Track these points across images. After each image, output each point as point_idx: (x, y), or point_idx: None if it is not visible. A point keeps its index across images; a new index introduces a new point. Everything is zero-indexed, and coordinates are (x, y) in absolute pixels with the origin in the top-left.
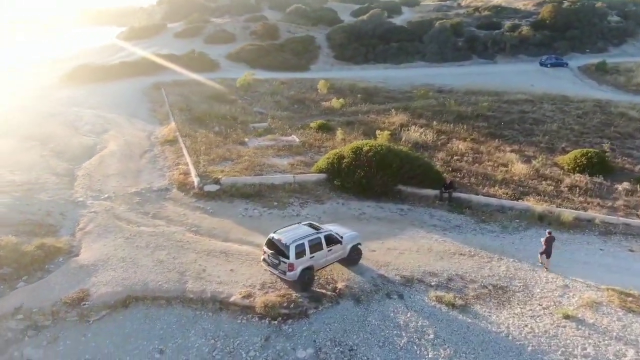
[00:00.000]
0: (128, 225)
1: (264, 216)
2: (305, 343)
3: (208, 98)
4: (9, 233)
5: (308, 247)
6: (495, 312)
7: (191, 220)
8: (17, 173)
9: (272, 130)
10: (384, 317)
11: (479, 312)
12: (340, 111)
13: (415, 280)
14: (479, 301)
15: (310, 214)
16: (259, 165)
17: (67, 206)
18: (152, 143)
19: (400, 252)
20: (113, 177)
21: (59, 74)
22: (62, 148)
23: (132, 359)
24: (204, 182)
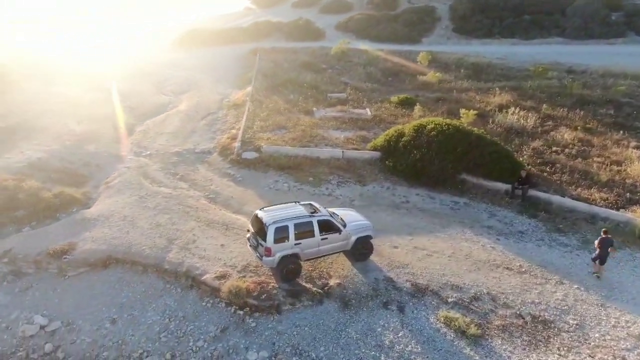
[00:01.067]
0: (150, 184)
1: (291, 191)
2: (262, 344)
3: (299, 66)
4: (39, 178)
5: (293, 231)
6: (520, 353)
7: (214, 187)
8: (83, 124)
9: (347, 101)
10: (367, 331)
11: (495, 349)
12: (435, 87)
13: (430, 291)
14: (503, 334)
15: (344, 195)
16: (313, 136)
17: (107, 159)
18: (221, 106)
19: (428, 253)
20: (165, 136)
21: (172, 39)
22: (137, 104)
23: (83, 323)
24: (245, 149)
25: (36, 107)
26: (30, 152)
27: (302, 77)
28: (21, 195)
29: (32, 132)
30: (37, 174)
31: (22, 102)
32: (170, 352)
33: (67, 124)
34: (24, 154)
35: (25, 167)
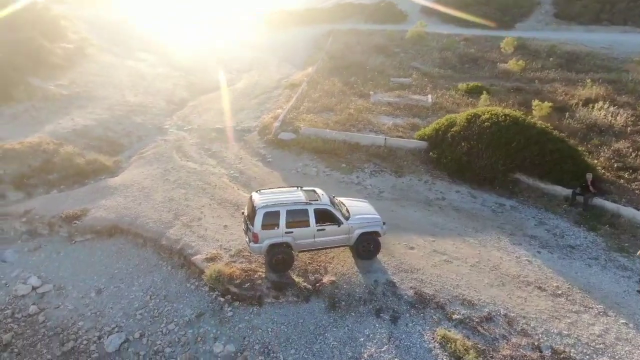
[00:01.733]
0: (180, 158)
1: (319, 177)
2: (232, 336)
3: (371, 48)
4: (79, 144)
5: (285, 218)
6: None
7: (241, 166)
8: (139, 96)
9: (409, 86)
10: (348, 339)
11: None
12: (516, 76)
13: (434, 303)
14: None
15: (374, 185)
16: (359, 120)
17: (150, 131)
18: (278, 86)
19: (447, 259)
20: (213, 111)
21: (256, 22)
22: (198, 80)
23: (72, 289)
24: (283, 129)
25: (103, 78)
26: (79, 120)
27: (370, 60)
28: (56, 159)
29: (90, 101)
30: (78, 141)
31: (90, 73)
32: (140, 331)
33: (124, 95)
34: (74, 120)
35: (70, 133)
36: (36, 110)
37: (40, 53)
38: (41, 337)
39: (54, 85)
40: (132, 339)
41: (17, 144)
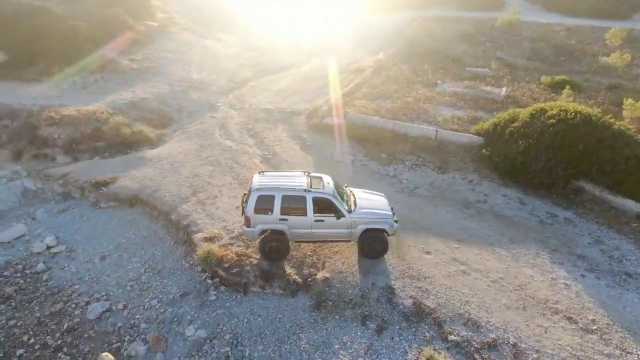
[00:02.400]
0: (220, 135)
1: (354, 165)
2: (207, 322)
3: (455, 36)
4: (132, 116)
5: (280, 203)
6: None
7: (277, 148)
8: (203, 73)
9: (485, 77)
10: (321, 344)
11: None
12: (617, 72)
13: (432, 319)
14: None
15: (411, 180)
16: (415, 110)
17: (202, 107)
18: (344, 70)
19: (466, 270)
20: (269, 92)
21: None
22: (267, 61)
23: (81, 253)
24: (331, 114)
25: (175, 55)
26: (139, 92)
27: (450, 48)
28: (105, 128)
29: (156, 75)
30: (132, 112)
31: (165, 50)
32: (125, 302)
33: (189, 72)
34: (134, 93)
35: (127, 105)
36: (104, 81)
37: (121, 29)
38: (39, 295)
39: (128, 60)
40: (114, 309)
41: (74, 111)
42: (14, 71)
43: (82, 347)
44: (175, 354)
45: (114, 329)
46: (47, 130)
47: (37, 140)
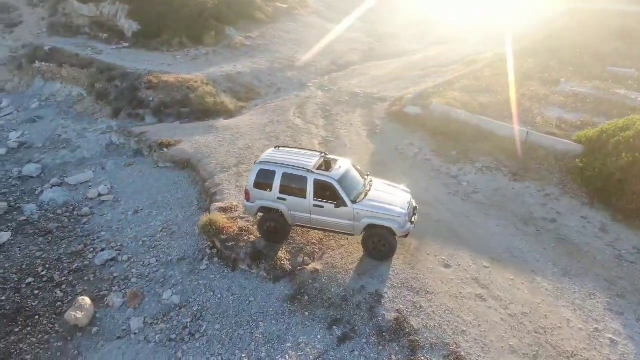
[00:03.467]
0: (293, 113)
1: (415, 159)
2: (186, 290)
3: (609, 32)
4: (223, 87)
5: (280, 180)
6: None
7: (344, 131)
8: (309, 54)
9: (628, 79)
10: (274, 339)
11: None
12: None
13: (409, 341)
14: None
15: (472, 183)
16: (512, 107)
17: (292, 86)
18: (458, 61)
19: (482, 295)
20: (365, 77)
21: None
22: (381, 48)
23: (123, 204)
24: (414, 103)
25: (291, 35)
26: (240, 67)
27: (598, 45)
28: (193, 96)
29: (262, 52)
30: (224, 84)
31: (283, 30)
32: (130, 256)
33: (296, 52)
34: (235, 67)
35: (223, 77)
36: (214, 55)
37: (247, 8)
38: (72, 235)
39: (243, 36)
40: (119, 259)
41: (172, 78)
42: (142, 40)
43: (77, 288)
44: (144, 312)
45: (110, 278)
46: (145, 92)
47: (135, 100)
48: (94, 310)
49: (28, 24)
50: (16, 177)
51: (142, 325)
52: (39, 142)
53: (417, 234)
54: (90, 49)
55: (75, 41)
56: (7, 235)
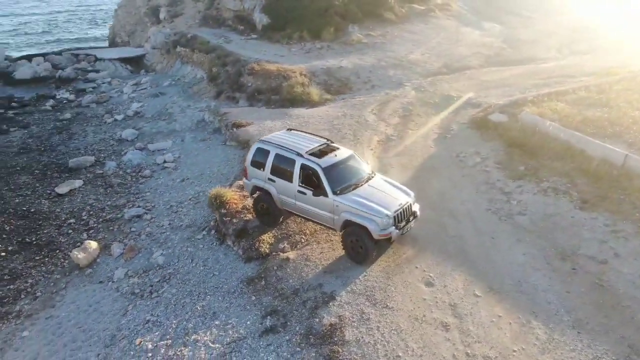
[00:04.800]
0: (371, 110)
1: (471, 169)
2: (173, 253)
3: None
4: (318, 79)
5: (272, 161)
6: None
7: (411, 132)
8: (424, 55)
9: None
10: (209, 314)
11: None
12: None
13: (330, 351)
14: None
15: (524, 203)
16: (626, 126)
17: (389, 84)
18: (592, 73)
19: (447, 325)
20: (471, 82)
21: None
22: (509, 54)
23: (179, 172)
24: (503, 110)
25: (415, 36)
26: (344, 62)
27: None
28: (285, 85)
29: (375, 50)
30: (321, 77)
31: (408, 31)
32: (154, 217)
33: (410, 52)
34: (340, 62)
35: (322, 70)
36: (327, 50)
37: (377, 8)
38: (125, 192)
39: (363, 35)
40: (143, 217)
41: (274, 67)
42: (269, 33)
43: (100, 235)
44: (130, 266)
45: (127, 231)
46: (246, 78)
47: (235, 84)
48: (97, 255)
49: (187, 15)
50: (116, 139)
51: (122, 276)
52: (149, 113)
53: (418, 244)
54: (223, 38)
55: (215, 31)
56: (79, 183)
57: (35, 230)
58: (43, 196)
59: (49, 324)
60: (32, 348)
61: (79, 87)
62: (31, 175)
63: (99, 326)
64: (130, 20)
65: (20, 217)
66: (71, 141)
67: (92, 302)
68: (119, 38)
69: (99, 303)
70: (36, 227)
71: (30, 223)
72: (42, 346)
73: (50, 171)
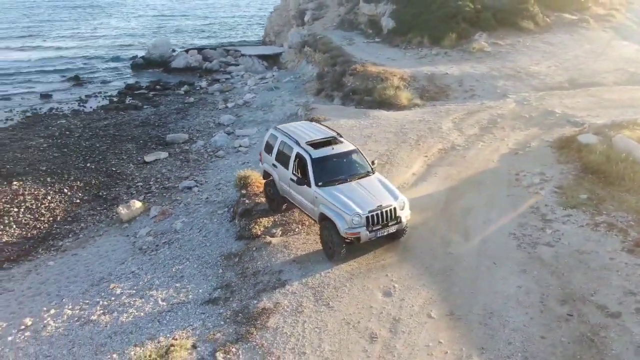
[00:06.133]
0: (452, 119)
1: (522, 190)
2: (191, 223)
3: None
4: (419, 84)
5: (277, 147)
6: None
7: (482, 145)
8: (550, 69)
9: None
10: (177, 277)
11: None
12: None
13: (245, 331)
14: None
15: (561, 234)
16: None
17: (491, 94)
18: None
19: (375, 337)
20: (590, 99)
21: None
22: None
23: (245, 157)
24: (598, 132)
25: (549, 47)
26: (453, 69)
27: None
28: (379, 87)
29: (494, 60)
30: (422, 82)
31: (546, 42)
32: (200, 190)
33: (532, 63)
34: (450, 69)
35: (424, 76)
36: (443, 56)
37: (513, 16)
38: (195, 167)
39: (488, 43)
40: (192, 190)
41: (375, 69)
42: (391, 37)
43: (153, 199)
44: (155, 227)
45: (173, 199)
46: (347, 78)
47: (336, 84)
48: (139, 213)
49: (327, 19)
50: (216, 123)
51: (144, 235)
52: (255, 104)
53: (406, 253)
54: (347, 40)
55: (345, 34)
56: (165, 154)
57: (110, 187)
58: (133, 161)
59: (71, 259)
60: (48, 274)
61: (216, 77)
62: (135, 144)
63: (99, 269)
64: (280, 21)
65: (106, 175)
66: (182, 120)
67: (110, 250)
68: (268, 38)
69: (114, 252)
70: (113, 184)
71: (110, 181)
72: (54, 274)
73: (151, 143)
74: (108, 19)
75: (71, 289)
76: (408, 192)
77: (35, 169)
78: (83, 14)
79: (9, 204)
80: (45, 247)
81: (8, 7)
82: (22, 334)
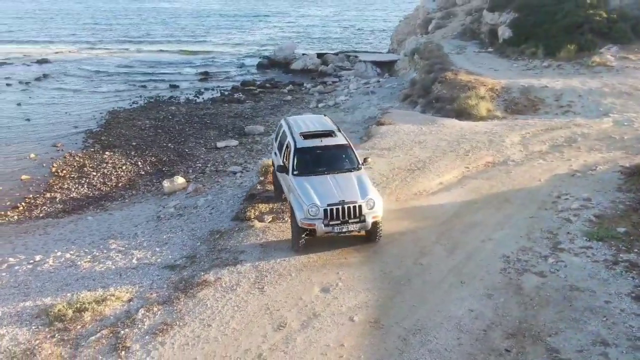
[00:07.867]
0: (523, 134)
1: (552, 214)
2: (210, 200)
3: None
4: (510, 97)
5: (280, 136)
6: None
7: (540, 163)
8: None
9: None
10: (162, 243)
11: None
12: None
13: (168, 294)
14: None
15: (573, 268)
16: None
17: (590, 112)
18: None
19: (280, 327)
20: None
21: None
22: None
23: None
24: None
25: None
26: (557, 83)
27: None
28: (462, 96)
29: (621, 76)
30: (513, 93)
31: None
32: (242, 175)
33: None
34: (555, 82)
35: (519, 88)
36: (554, 68)
37: None
38: (254, 155)
39: (617, 57)
40: (235, 174)
41: (466, 77)
42: (504, 47)
43: (202, 178)
44: (183, 201)
45: (215, 180)
46: (436, 86)
47: (423, 91)
48: (180, 189)
49: (449, 28)
50: None
51: (171, 206)
52: (344, 106)
53: (372, 257)
54: (457, 49)
55: (461, 43)
56: (235, 142)
57: (174, 164)
58: (206, 146)
59: (104, 217)
60: (81, 226)
61: (325, 80)
62: (218, 131)
63: (117, 227)
64: (405, 30)
65: (178, 154)
66: (270, 115)
67: (136, 215)
68: (392, 46)
69: (138, 216)
70: (178, 162)
71: (178, 159)
72: (85, 227)
73: (231, 132)
74: (265, 24)
75: (84, 239)
76: (422, 199)
77: (129, 143)
78: (245, 22)
79: (93, 169)
80: (95, 206)
81: (185, 15)
82: (27, 266)
